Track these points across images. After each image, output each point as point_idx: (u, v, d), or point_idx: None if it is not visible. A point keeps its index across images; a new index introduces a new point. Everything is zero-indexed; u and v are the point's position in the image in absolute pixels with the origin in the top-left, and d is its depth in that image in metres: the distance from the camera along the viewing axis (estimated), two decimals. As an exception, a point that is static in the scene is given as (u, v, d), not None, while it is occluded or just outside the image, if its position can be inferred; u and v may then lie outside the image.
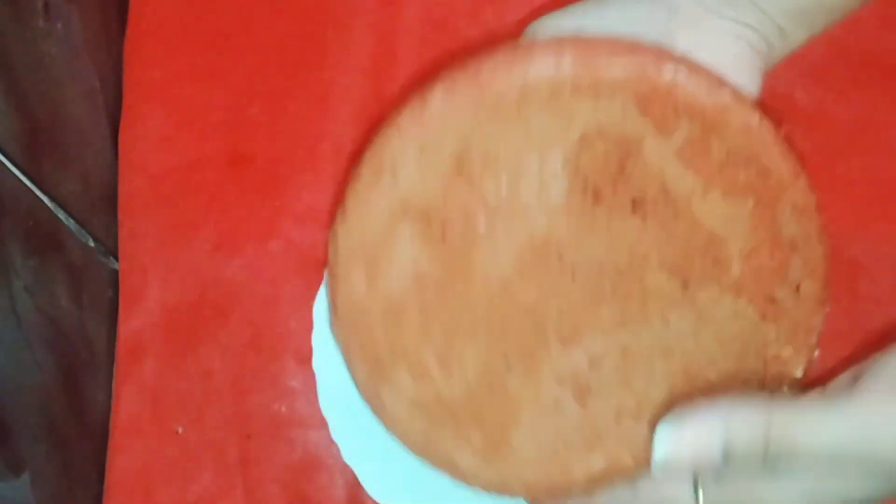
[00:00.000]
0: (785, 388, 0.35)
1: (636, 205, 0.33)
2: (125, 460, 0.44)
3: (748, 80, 0.35)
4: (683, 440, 0.30)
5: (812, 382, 0.34)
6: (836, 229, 0.45)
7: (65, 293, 0.43)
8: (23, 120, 0.41)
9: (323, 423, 0.44)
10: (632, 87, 0.31)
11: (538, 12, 0.50)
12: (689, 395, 0.34)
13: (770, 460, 0.30)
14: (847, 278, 0.44)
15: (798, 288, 0.35)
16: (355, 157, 0.48)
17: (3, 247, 0.38)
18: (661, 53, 0.32)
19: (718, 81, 0.33)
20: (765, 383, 0.35)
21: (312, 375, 0.44)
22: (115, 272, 0.47)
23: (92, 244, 0.46)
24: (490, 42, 0.49)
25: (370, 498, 0.43)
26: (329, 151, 0.48)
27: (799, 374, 0.35)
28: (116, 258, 0.47)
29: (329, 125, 0.49)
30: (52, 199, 0.42)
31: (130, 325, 0.46)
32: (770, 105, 0.40)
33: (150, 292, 0.46)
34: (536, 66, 0.32)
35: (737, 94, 0.33)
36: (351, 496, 0.43)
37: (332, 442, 0.44)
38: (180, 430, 0.45)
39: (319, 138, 0.48)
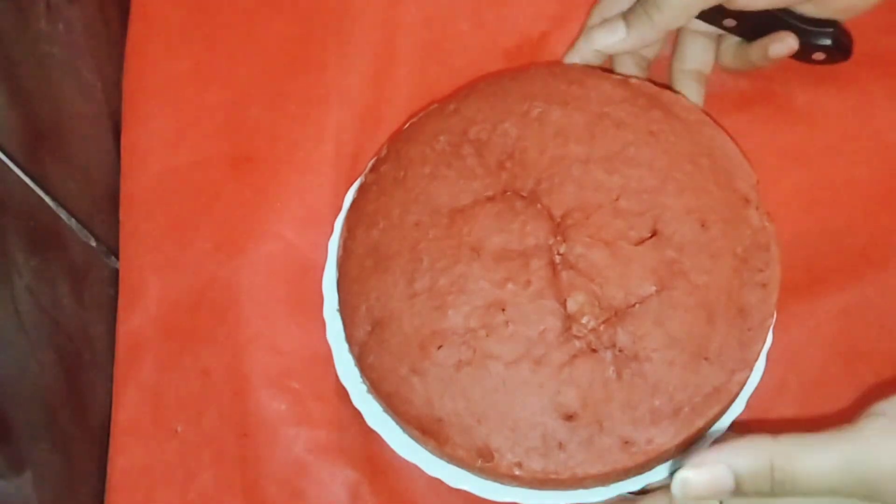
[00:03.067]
0: None
1: None
2: (126, 460, 0.44)
3: None
4: (700, 482, 0.33)
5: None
6: (841, 223, 0.45)
7: (66, 292, 0.43)
8: (25, 120, 0.41)
9: (322, 423, 0.44)
10: None
11: (537, 12, 0.50)
12: None
13: (777, 487, 0.33)
14: (853, 269, 0.45)
15: None
16: (356, 159, 0.48)
17: (4, 246, 0.38)
18: None
19: None
20: None
21: (312, 375, 0.44)
22: (117, 271, 0.48)
23: (93, 243, 0.46)
24: (489, 44, 0.50)
25: (370, 497, 0.43)
26: (329, 153, 0.48)
27: None
28: (118, 257, 0.48)
29: (329, 127, 0.49)
30: (53, 198, 0.42)
31: (130, 324, 0.46)
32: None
33: (149, 291, 0.46)
34: None
35: None
36: (351, 495, 0.43)
37: (332, 441, 0.44)
38: (180, 429, 0.45)
39: (320, 140, 0.48)
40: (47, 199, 0.42)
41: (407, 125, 0.45)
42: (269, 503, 0.43)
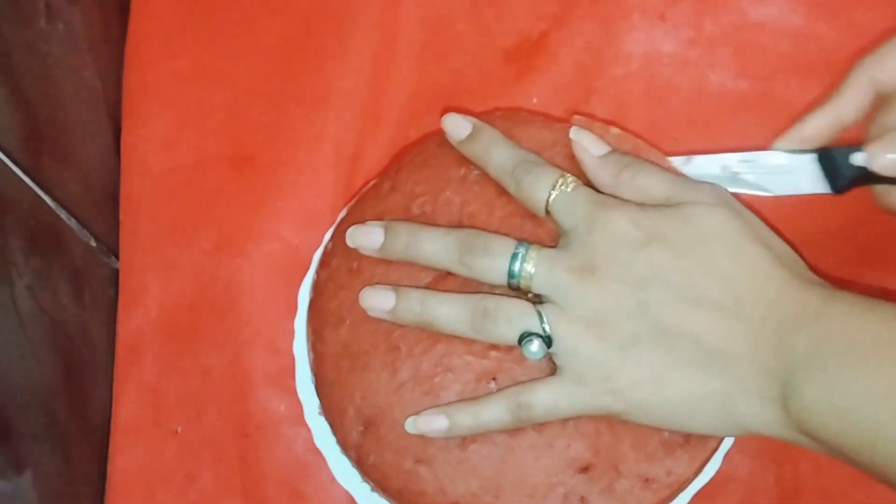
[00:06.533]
0: None
1: None
2: (126, 460, 0.44)
3: None
4: None
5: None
6: (844, 219, 0.45)
7: (66, 292, 0.43)
8: (25, 120, 0.41)
9: (322, 423, 0.44)
10: None
11: (537, 13, 0.50)
12: None
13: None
14: (853, 269, 0.45)
15: None
16: (356, 159, 0.48)
17: (5, 246, 0.38)
18: None
19: None
20: None
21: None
22: (117, 271, 0.48)
23: (93, 244, 0.46)
24: (489, 44, 0.50)
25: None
26: (329, 153, 0.48)
27: None
28: (118, 257, 0.48)
29: (329, 127, 0.49)
30: (53, 198, 0.42)
31: (130, 324, 0.46)
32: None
33: (149, 292, 0.46)
34: None
35: None
36: (350, 495, 0.43)
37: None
38: (179, 430, 0.45)
39: (320, 140, 0.49)
40: (47, 199, 0.42)
41: (344, 212, 0.44)
42: (269, 503, 0.44)
